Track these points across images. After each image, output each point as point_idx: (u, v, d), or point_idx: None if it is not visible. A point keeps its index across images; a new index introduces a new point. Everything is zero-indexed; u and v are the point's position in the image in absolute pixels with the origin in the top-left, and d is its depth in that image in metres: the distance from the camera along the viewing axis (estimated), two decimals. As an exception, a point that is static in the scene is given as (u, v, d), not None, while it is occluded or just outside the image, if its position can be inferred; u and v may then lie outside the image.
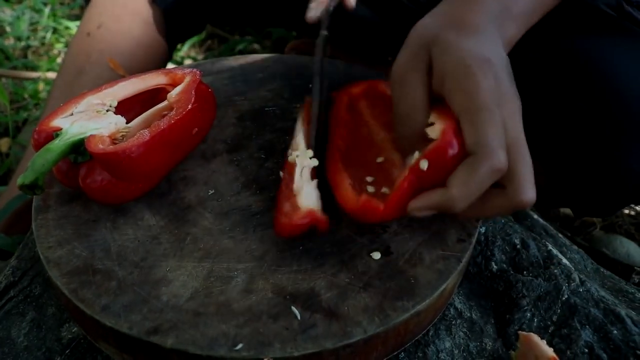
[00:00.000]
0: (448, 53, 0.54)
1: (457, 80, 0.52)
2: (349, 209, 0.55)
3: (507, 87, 0.53)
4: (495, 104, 0.51)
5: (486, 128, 0.50)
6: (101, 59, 0.98)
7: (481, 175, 0.50)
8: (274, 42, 1.63)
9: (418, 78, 0.55)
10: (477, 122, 0.50)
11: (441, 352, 0.57)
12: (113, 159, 0.54)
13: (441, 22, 0.57)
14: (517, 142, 0.52)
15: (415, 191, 0.53)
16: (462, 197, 0.50)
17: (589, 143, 0.73)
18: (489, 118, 0.50)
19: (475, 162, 0.50)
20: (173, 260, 0.55)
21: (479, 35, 0.55)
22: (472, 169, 0.50)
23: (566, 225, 1.16)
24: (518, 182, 0.51)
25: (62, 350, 0.57)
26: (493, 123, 0.50)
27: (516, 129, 0.52)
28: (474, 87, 0.51)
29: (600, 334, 0.59)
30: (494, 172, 0.50)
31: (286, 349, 0.48)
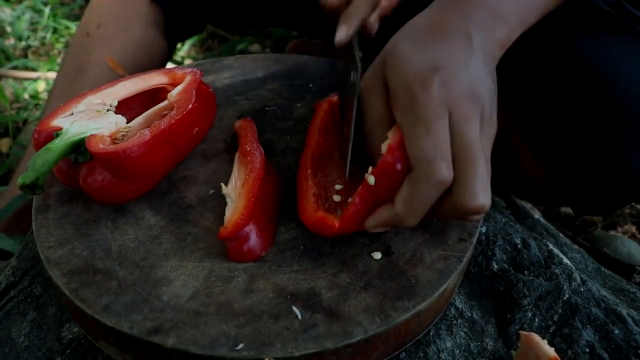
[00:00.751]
0: (393, 67, 0.55)
1: (398, 95, 0.53)
2: (305, 222, 0.56)
3: (459, 93, 0.52)
4: (436, 115, 0.51)
5: (422, 141, 0.50)
6: (101, 58, 0.98)
7: (421, 190, 0.50)
8: (274, 42, 1.63)
9: (377, 94, 0.57)
10: (413, 136, 0.51)
11: (442, 352, 0.57)
12: (114, 159, 0.54)
13: (406, 32, 0.59)
14: (466, 149, 0.50)
15: (370, 206, 0.53)
16: (408, 213, 0.50)
17: (589, 142, 0.72)
18: (425, 131, 0.50)
19: (415, 176, 0.50)
20: (174, 260, 0.55)
21: (436, 42, 0.56)
22: (412, 184, 0.50)
23: (567, 225, 1.16)
24: (464, 188, 0.50)
25: (63, 350, 0.57)
26: (430, 136, 0.50)
27: (467, 135, 0.51)
28: (410, 101, 0.52)
29: (602, 334, 0.59)
30: (435, 184, 0.49)
31: (287, 349, 0.48)
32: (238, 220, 0.54)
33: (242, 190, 0.58)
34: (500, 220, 0.70)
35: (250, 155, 0.61)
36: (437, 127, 0.50)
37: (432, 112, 0.51)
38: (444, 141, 0.50)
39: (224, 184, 0.60)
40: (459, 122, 0.51)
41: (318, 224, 0.54)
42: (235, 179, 0.61)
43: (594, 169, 0.74)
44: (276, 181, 0.62)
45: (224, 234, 0.54)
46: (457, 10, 0.58)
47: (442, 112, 0.51)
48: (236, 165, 0.63)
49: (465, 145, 0.51)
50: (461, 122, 0.51)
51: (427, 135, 0.50)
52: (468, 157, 0.50)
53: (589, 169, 0.74)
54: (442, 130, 0.50)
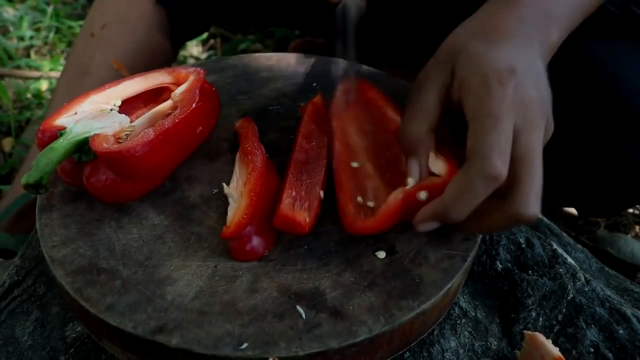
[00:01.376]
0: (470, 62, 0.54)
1: (472, 88, 0.52)
2: (274, 221, 0.56)
3: (531, 99, 0.52)
4: (507, 113, 0.50)
5: (486, 135, 0.50)
6: (105, 60, 0.98)
7: (473, 182, 0.49)
8: (277, 42, 1.63)
9: (435, 86, 0.55)
10: (479, 128, 0.50)
11: (446, 352, 0.57)
12: (117, 158, 0.54)
13: (471, 31, 0.57)
14: (527, 154, 0.50)
15: (402, 214, 0.54)
16: (456, 205, 0.50)
17: (594, 143, 0.72)
18: (492, 126, 0.50)
19: (469, 168, 0.50)
20: (178, 259, 0.55)
21: (509, 43, 0.55)
22: (465, 175, 0.50)
23: (570, 225, 1.16)
24: (519, 194, 0.50)
25: (67, 349, 0.57)
26: (495, 131, 0.49)
27: (530, 142, 0.51)
28: (485, 94, 0.51)
29: (606, 334, 0.59)
30: (486, 178, 0.49)
31: (291, 349, 0.48)
32: (240, 219, 0.54)
33: (244, 189, 0.58)
34: (504, 220, 0.70)
35: (252, 154, 0.61)
36: (504, 125, 0.50)
37: (504, 109, 0.50)
38: (507, 140, 0.50)
39: (225, 184, 0.60)
40: (524, 129, 0.51)
41: (285, 221, 0.55)
42: (237, 178, 0.61)
43: (599, 170, 0.74)
44: (277, 180, 0.62)
45: (227, 234, 0.54)
46: (514, 11, 0.57)
47: (511, 113, 0.51)
48: (237, 164, 0.63)
49: (526, 153, 0.50)
50: (527, 129, 0.51)
51: (493, 129, 0.49)
52: (527, 165, 0.50)
53: (594, 171, 0.74)
54: (507, 130, 0.50)
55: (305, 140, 0.65)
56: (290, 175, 0.61)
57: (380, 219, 0.54)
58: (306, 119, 0.68)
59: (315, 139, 0.66)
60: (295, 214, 0.56)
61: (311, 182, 0.61)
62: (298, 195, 0.59)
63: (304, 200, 0.58)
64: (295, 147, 0.64)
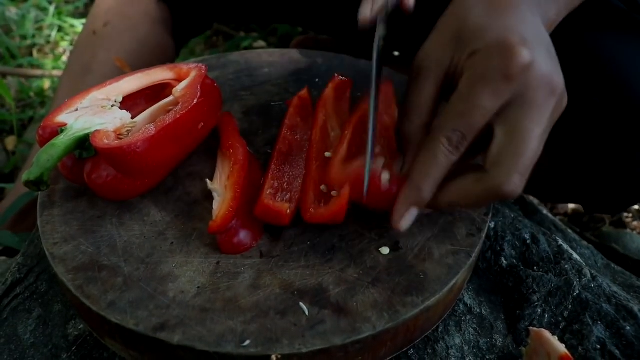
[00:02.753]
0: (476, 34, 0.51)
1: (476, 61, 0.50)
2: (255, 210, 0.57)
3: (537, 74, 0.49)
4: (494, 93, 0.48)
5: (482, 90, 0.48)
6: (107, 57, 0.98)
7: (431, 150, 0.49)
8: (280, 39, 1.63)
9: (433, 75, 0.53)
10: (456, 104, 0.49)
11: (451, 349, 0.56)
12: (118, 154, 0.54)
13: (471, 5, 0.54)
14: (516, 131, 0.48)
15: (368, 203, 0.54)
16: (421, 176, 0.50)
17: (600, 139, 0.72)
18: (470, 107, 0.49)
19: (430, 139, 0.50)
20: (180, 256, 0.55)
21: (515, 12, 0.52)
22: (425, 146, 0.50)
23: (575, 221, 1.15)
24: (500, 169, 0.48)
25: (69, 347, 0.57)
26: (471, 111, 0.48)
27: (522, 120, 0.48)
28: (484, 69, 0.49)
29: (613, 330, 0.58)
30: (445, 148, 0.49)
31: (294, 345, 0.47)
32: (226, 213, 0.54)
33: (227, 183, 0.58)
34: (509, 216, 0.70)
35: (233, 148, 0.61)
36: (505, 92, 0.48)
37: (515, 75, 0.48)
38: (481, 117, 0.48)
39: (209, 179, 0.60)
40: (518, 106, 0.49)
41: (266, 211, 0.55)
42: (220, 173, 0.61)
43: (604, 166, 0.73)
44: (260, 173, 0.62)
45: (214, 228, 0.54)
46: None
47: (505, 91, 0.48)
48: (219, 160, 0.63)
49: (516, 130, 0.48)
50: (521, 106, 0.49)
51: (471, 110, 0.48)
52: (514, 141, 0.48)
53: (600, 167, 0.73)
54: (485, 111, 0.48)
55: (289, 132, 0.66)
56: (273, 166, 0.61)
57: (332, 209, 0.54)
58: (292, 112, 0.68)
59: (300, 131, 0.66)
60: (277, 204, 0.56)
61: (293, 174, 0.61)
62: (280, 187, 0.59)
63: (286, 192, 0.59)
64: (279, 139, 0.64)
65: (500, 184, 0.48)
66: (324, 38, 1.31)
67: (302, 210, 0.56)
